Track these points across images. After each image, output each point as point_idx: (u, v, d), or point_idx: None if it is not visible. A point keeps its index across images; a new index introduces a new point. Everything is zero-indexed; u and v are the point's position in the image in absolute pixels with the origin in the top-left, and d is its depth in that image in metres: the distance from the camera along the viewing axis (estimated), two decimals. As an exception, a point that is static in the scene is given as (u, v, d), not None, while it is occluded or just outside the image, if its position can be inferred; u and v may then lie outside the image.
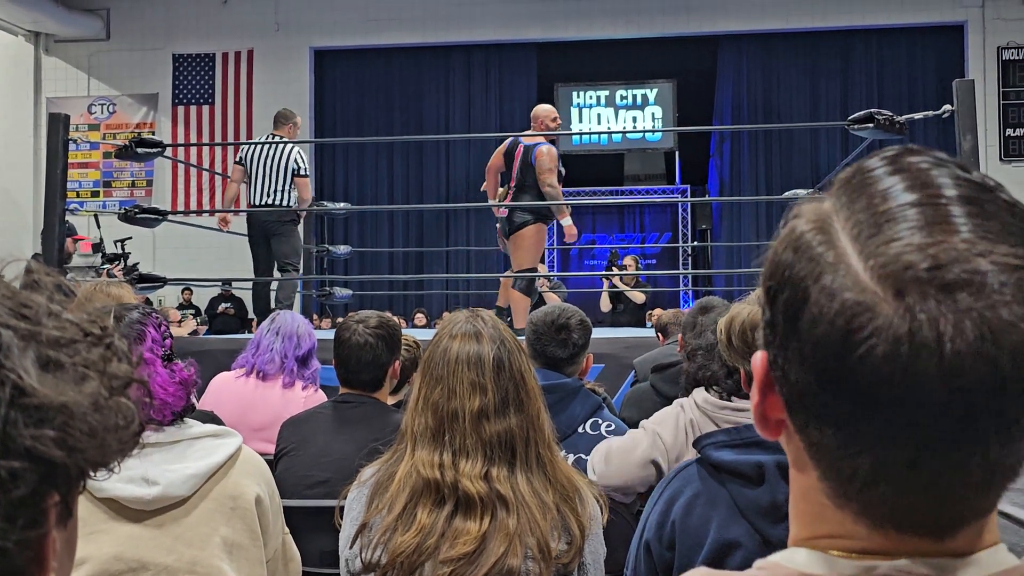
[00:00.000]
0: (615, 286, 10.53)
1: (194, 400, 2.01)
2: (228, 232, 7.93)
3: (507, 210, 6.66)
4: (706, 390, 2.37)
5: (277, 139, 7.42)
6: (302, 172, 7.37)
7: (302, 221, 7.72)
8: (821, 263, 0.64)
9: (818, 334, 0.63)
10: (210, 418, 3.12)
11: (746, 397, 2.28)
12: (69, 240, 7.42)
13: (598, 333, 6.73)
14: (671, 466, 2.30)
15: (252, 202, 7.44)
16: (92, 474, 0.64)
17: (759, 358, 0.71)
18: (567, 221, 6.66)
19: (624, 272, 10.75)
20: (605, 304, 10.75)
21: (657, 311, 12.41)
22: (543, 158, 6.51)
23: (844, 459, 0.64)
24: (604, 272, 11.76)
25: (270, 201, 7.36)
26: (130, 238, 10.74)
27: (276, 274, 7.45)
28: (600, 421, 2.79)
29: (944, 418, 0.60)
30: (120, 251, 9.46)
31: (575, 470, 1.97)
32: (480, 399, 1.85)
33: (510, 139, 6.92)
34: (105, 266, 7.33)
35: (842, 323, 0.62)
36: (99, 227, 8.85)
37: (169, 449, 1.79)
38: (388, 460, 1.92)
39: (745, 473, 1.79)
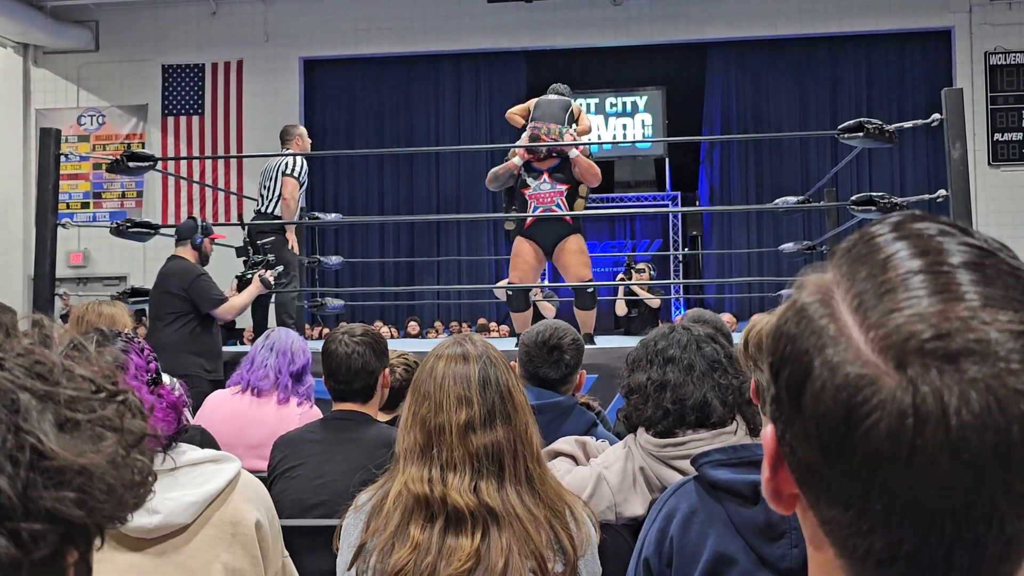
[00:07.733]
0: (631, 291, 10.59)
1: (188, 417, 2.00)
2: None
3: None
4: (646, 431, 2.28)
5: (285, 152, 7.23)
6: (289, 172, 7.05)
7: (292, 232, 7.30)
8: (823, 337, 0.62)
9: (821, 411, 0.61)
10: (201, 432, 3.12)
11: (690, 428, 2.22)
12: (207, 240, 6.55)
13: (607, 342, 6.69)
14: (615, 507, 2.27)
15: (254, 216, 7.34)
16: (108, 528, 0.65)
17: (768, 432, 0.69)
18: None
19: (636, 282, 10.75)
20: (621, 309, 10.94)
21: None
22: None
23: (857, 537, 0.62)
24: (615, 281, 11.80)
25: (259, 210, 7.24)
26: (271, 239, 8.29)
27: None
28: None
29: (953, 493, 0.58)
30: (263, 257, 7.24)
31: (564, 487, 1.98)
32: (466, 411, 1.87)
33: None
34: (250, 272, 6.60)
35: (844, 398, 0.60)
36: (244, 228, 7.52)
37: (169, 476, 1.78)
38: (383, 484, 1.93)
39: (741, 492, 1.80)
